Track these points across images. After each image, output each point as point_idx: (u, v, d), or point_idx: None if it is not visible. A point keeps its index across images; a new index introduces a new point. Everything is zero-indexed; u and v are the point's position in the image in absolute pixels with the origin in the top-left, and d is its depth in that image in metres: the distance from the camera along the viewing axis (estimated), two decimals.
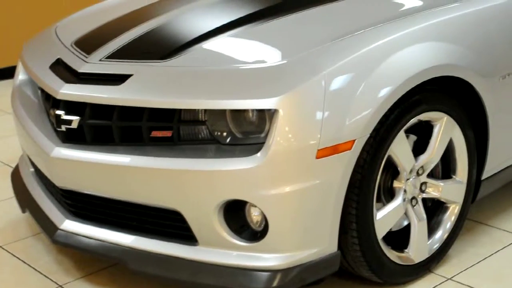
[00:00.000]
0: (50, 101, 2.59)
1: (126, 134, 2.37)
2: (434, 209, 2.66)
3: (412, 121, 2.43)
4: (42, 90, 2.78)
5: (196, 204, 2.26)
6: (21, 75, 3.05)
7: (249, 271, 2.26)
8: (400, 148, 2.41)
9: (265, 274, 2.25)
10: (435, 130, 2.52)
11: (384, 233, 2.44)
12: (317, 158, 2.18)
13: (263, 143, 2.18)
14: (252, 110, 2.24)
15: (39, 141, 2.56)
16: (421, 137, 2.54)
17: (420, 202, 2.55)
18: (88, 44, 2.73)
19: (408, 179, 2.49)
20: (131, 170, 2.32)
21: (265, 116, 2.21)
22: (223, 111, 2.25)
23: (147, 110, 2.31)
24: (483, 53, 2.62)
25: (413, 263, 2.55)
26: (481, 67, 2.58)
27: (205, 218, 2.26)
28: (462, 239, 2.82)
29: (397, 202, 2.47)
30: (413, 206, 2.53)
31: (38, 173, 2.81)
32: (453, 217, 2.65)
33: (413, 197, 2.52)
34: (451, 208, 2.66)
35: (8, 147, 3.98)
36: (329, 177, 2.21)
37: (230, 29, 2.64)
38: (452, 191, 2.63)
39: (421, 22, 2.52)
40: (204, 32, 2.62)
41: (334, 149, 2.20)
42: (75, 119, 2.40)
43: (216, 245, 2.29)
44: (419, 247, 2.55)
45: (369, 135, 2.27)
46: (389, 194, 2.50)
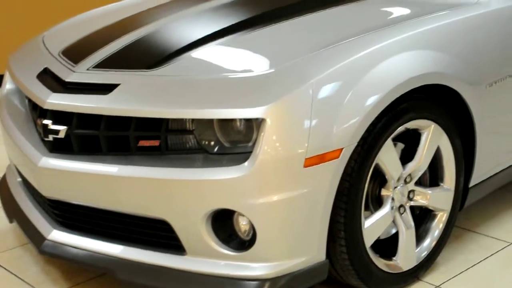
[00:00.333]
0: (37, 111, 2.59)
1: (114, 144, 2.37)
2: (422, 217, 2.67)
3: (400, 129, 2.44)
4: (29, 100, 2.77)
5: (184, 214, 2.25)
6: (8, 85, 3.04)
7: (238, 281, 2.26)
8: (388, 156, 2.41)
9: (254, 283, 2.25)
10: (423, 138, 2.53)
11: (372, 241, 2.45)
12: (305, 167, 2.18)
13: (251, 152, 2.18)
14: (240, 119, 2.24)
15: (26, 151, 2.55)
16: (409, 145, 2.54)
17: (408, 210, 2.55)
18: (76, 53, 2.72)
19: (396, 187, 2.50)
20: (119, 180, 2.31)
21: (253, 125, 2.21)
22: (211, 121, 2.25)
23: (135, 120, 2.30)
24: (470, 61, 2.63)
25: (401, 271, 2.55)
26: (468, 75, 2.60)
27: (193, 228, 2.25)
28: (450, 247, 2.83)
29: (385, 210, 2.47)
30: (401, 214, 2.53)
31: (26, 183, 2.80)
32: (441, 225, 2.66)
33: (401, 205, 2.53)
34: (439, 216, 2.66)
35: None
36: (317, 186, 2.21)
37: (219, 38, 2.64)
38: (440, 199, 2.64)
39: (409, 31, 2.53)
40: (193, 41, 2.62)
41: (322, 158, 2.20)
42: (62, 129, 2.40)
43: (204, 255, 2.29)
44: (407, 255, 2.55)
45: (357, 144, 2.27)
46: (377, 202, 2.50)
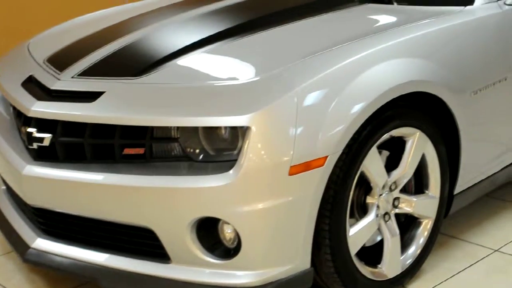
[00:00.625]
0: (22, 119, 2.57)
1: (99, 152, 2.36)
2: (407, 224, 2.67)
3: (385, 137, 2.44)
4: (14, 107, 2.75)
5: (169, 222, 2.25)
6: None
7: None
8: (373, 164, 2.41)
9: None
10: (408, 146, 2.53)
11: (358, 249, 2.45)
12: (290, 175, 2.18)
13: (236, 160, 2.18)
14: (225, 127, 2.23)
15: (11, 159, 2.54)
16: (394, 153, 2.55)
17: (393, 218, 2.56)
18: (61, 61, 2.71)
19: (381, 195, 2.50)
20: (104, 188, 2.31)
21: (238, 133, 2.21)
22: (196, 128, 2.25)
23: (120, 128, 2.30)
24: (455, 69, 2.64)
25: (387, 279, 2.55)
26: (453, 83, 2.61)
27: (178, 236, 2.25)
28: (436, 254, 2.83)
29: (370, 218, 2.48)
30: (386, 222, 2.53)
31: (10, 191, 2.78)
32: (426, 232, 2.66)
33: (386, 213, 2.53)
34: (424, 223, 2.67)
35: None
36: (302, 194, 2.21)
37: (204, 45, 2.64)
38: (425, 206, 2.65)
39: (394, 39, 2.54)
40: (178, 48, 2.63)
41: (307, 166, 2.20)
42: (47, 137, 2.39)
43: (189, 263, 2.28)
44: (392, 263, 2.55)
45: (342, 151, 2.27)
46: (362, 210, 2.50)
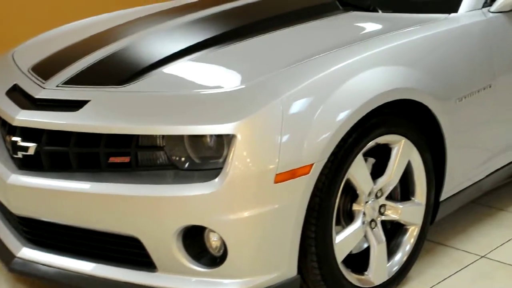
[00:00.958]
0: (6, 128, 2.56)
1: (84, 161, 2.35)
2: (394, 231, 2.67)
3: (370, 144, 2.45)
4: None
5: (155, 230, 2.24)
6: None
7: None
8: (359, 171, 2.42)
9: None
10: (393, 153, 2.54)
11: (344, 256, 2.45)
12: (276, 183, 2.18)
13: (222, 168, 2.18)
14: (210, 136, 2.23)
15: None
16: (380, 160, 2.56)
17: (379, 225, 2.56)
18: (46, 70, 2.71)
19: (367, 202, 2.51)
20: (89, 197, 2.30)
21: (223, 141, 2.21)
22: (181, 137, 2.25)
23: (105, 136, 2.29)
24: (440, 76, 2.65)
25: (373, 286, 2.55)
26: (438, 90, 2.62)
27: (164, 244, 2.24)
28: (422, 260, 2.84)
29: (356, 225, 2.48)
30: (373, 229, 2.54)
31: None
32: (412, 239, 2.67)
33: (372, 220, 2.54)
34: (410, 230, 2.67)
35: None
36: (288, 202, 2.21)
37: (190, 53, 2.65)
38: (411, 213, 2.65)
39: (379, 46, 2.55)
40: (164, 57, 2.63)
41: (292, 174, 2.20)
42: (32, 146, 2.38)
43: (175, 271, 2.28)
44: (379, 270, 2.56)
45: (327, 159, 2.27)
46: (349, 217, 2.50)
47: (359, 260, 2.55)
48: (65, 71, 2.63)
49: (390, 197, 2.61)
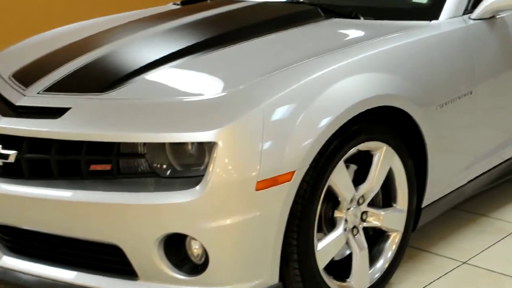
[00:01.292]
0: None
1: (65, 168, 2.34)
2: (376, 238, 2.68)
3: (352, 151, 2.45)
4: None
5: (136, 238, 2.24)
6: None
7: None
8: (340, 178, 2.42)
9: None
10: (375, 160, 2.54)
11: (326, 263, 2.45)
12: (257, 190, 2.17)
13: (203, 176, 2.18)
14: (192, 143, 2.23)
15: None
16: (361, 167, 2.56)
17: (361, 231, 2.56)
18: (27, 77, 2.69)
19: (349, 209, 2.51)
20: (70, 205, 2.29)
21: (205, 149, 2.20)
22: (163, 144, 2.24)
23: (86, 144, 2.28)
24: (421, 83, 2.67)
25: None
26: (419, 97, 2.63)
27: (145, 252, 2.23)
28: (404, 267, 2.84)
29: (338, 232, 2.48)
30: (354, 236, 2.54)
31: None
32: (394, 246, 2.67)
33: (354, 227, 2.54)
34: (392, 237, 2.68)
35: None
36: (269, 209, 2.21)
37: (172, 60, 2.63)
38: (393, 220, 2.66)
39: (360, 53, 2.56)
40: (146, 63, 2.61)
41: (274, 181, 2.20)
42: (12, 153, 2.36)
43: (157, 280, 2.27)
44: (361, 276, 2.56)
45: (309, 166, 2.27)
46: (330, 224, 2.50)
47: (341, 267, 2.55)
48: (47, 78, 2.61)
49: (372, 204, 2.61)
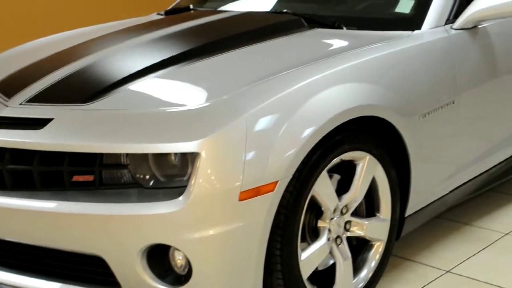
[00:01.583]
0: None
1: (48, 179, 2.33)
2: (359, 247, 2.68)
3: (335, 161, 2.46)
4: None
5: (119, 249, 2.23)
6: None
7: None
8: (323, 188, 2.43)
9: None
10: (358, 170, 2.55)
11: (310, 273, 2.45)
12: (240, 201, 2.18)
13: (186, 186, 2.17)
14: (175, 154, 2.23)
15: None
16: (345, 176, 2.57)
17: (345, 241, 2.57)
18: (9, 87, 2.68)
19: (332, 219, 2.51)
20: (53, 216, 2.28)
21: (188, 159, 2.20)
22: (145, 155, 2.24)
23: (68, 155, 2.28)
24: (404, 93, 2.68)
25: None
26: (402, 107, 2.64)
27: (128, 263, 2.23)
28: (388, 276, 2.85)
29: (322, 242, 2.48)
30: (338, 245, 2.54)
31: None
32: (378, 255, 2.68)
33: (338, 236, 2.54)
34: (376, 246, 2.69)
35: None
36: (253, 219, 2.21)
37: (156, 70, 2.63)
38: (376, 229, 2.67)
39: (343, 63, 2.57)
40: (130, 73, 2.61)
41: (257, 191, 2.20)
42: None
43: None
44: (345, 286, 2.56)
45: (292, 176, 2.28)
46: (314, 234, 2.51)
47: (325, 277, 2.56)
48: (29, 89, 2.60)
49: (356, 213, 2.62)
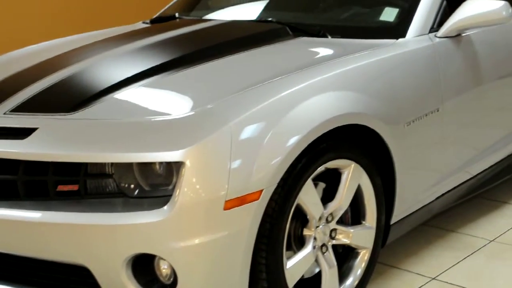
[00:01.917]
0: None
1: (32, 189, 2.32)
2: (345, 255, 2.69)
3: (320, 169, 2.46)
4: None
5: (104, 259, 2.22)
6: None
7: None
8: (309, 197, 2.43)
9: None
10: (343, 178, 2.56)
11: (295, 281, 2.45)
12: (225, 210, 2.17)
13: (171, 196, 2.17)
14: (159, 163, 2.23)
15: None
16: (330, 184, 2.57)
17: (331, 249, 2.57)
18: None
19: (318, 227, 2.52)
20: (37, 226, 2.27)
21: (172, 168, 2.20)
22: (130, 164, 2.24)
23: (53, 164, 2.27)
24: (388, 101, 2.69)
25: None
26: (386, 115, 2.65)
27: (113, 273, 2.22)
28: (374, 283, 2.85)
29: (307, 250, 2.48)
30: (324, 253, 2.55)
31: None
32: (364, 263, 2.69)
33: (323, 244, 2.55)
34: (362, 254, 2.69)
35: None
36: (238, 228, 2.21)
37: (141, 79, 2.63)
38: (362, 237, 2.67)
39: (328, 72, 2.58)
40: (115, 82, 2.61)
41: (242, 200, 2.20)
42: None
43: None
44: None
45: (277, 185, 2.28)
46: (300, 242, 2.51)
47: (311, 285, 2.56)
48: (14, 98, 2.59)
49: (341, 221, 2.62)
